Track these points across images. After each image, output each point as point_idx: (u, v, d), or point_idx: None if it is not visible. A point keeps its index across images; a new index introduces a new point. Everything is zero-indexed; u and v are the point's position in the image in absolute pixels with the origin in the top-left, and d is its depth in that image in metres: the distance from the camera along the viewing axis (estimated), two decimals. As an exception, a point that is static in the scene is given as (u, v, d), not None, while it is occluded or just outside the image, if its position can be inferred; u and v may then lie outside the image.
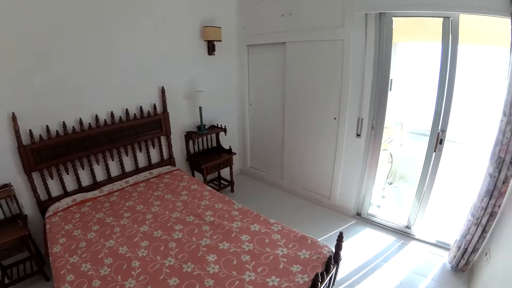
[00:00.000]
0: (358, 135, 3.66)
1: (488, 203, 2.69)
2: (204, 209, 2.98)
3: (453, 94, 2.95)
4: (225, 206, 3.05)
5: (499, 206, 2.69)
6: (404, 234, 3.66)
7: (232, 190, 4.68)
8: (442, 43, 2.96)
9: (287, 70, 4.12)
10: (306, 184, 4.40)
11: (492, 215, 2.73)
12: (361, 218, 4.00)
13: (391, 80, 4.87)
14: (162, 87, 3.82)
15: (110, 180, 3.57)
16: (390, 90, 4.91)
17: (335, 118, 3.81)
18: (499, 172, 2.54)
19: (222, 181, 4.77)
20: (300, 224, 3.82)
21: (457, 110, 3.99)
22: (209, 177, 4.69)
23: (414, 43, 4.75)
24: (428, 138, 3.28)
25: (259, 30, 4.29)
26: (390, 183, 4.75)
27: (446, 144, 3.14)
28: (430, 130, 3.24)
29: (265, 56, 4.41)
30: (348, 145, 3.79)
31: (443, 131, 3.10)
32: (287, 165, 4.57)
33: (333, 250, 2.42)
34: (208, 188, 3.45)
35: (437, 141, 3.14)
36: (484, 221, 2.77)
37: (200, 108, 4.10)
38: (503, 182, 2.57)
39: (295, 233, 2.60)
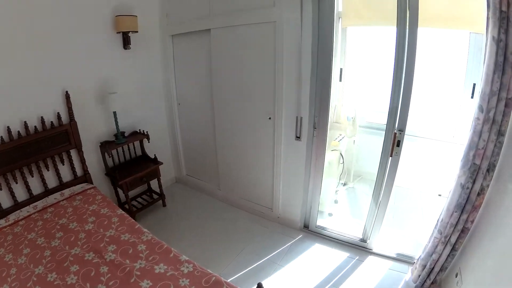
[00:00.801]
0: (298, 138, 2.97)
1: (459, 218, 2.12)
2: (108, 242, 2.33)
3: (412, 86, 2.30)
4: (132, 238, 2.37)
5: (472, 222, 2.14)
6: (359, 248, 3.06)
7: (164, 204, 3.88)
8: (397, 25, 2.30)
9: (213, 63, 3.35)
10: (245, 194, 3.70)
11: (464, 231, 2.19)
12: (309, 231, 3.34)
13: (341, 69, 4.30)
14: (66, 91, 2.96)
15: (17, 206, 2.84)
16: (340, 81, 4.34)
17: (269, 118, 3.10)
18: (473, 182, 1.95)
19: (153, 194, 3.97)
20: (238, 241, 3.21)
21: (421, 102, 3.49)
22: (137, 190, 3.87)
23: (368, 28, 4.13)
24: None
25: (184, 16, 3.47)
26: (344, 184, 4.15)
27: (407, 140, 2.53)
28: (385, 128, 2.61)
29: (191, 47, 3.61)
30: (287, 149, 3.10)
31: (401, 130, 2.46)
32: (223, 173, 3.84)
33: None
34: (119, 212, 2.72)
35: (394, 143, 2.50)
36: (453, 239, 2.22)
37: (114, 113, 3.26)
38: (478, 194, 2.00)
39: (208, 276, 1.94)
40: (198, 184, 4.23)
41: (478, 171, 1.90)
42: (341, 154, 3.61)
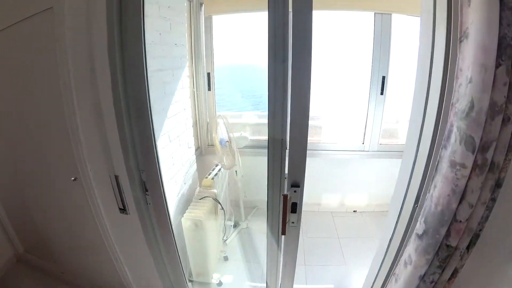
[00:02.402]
0: (123, 210, 1.66)
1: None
2: None
3: (308, 101, 1.20)
4: None
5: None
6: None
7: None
8: (269, 8, 1.21)
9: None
10: (94, 280, 2.31)
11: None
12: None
13: (209, 74, 3.22)
14: None
15: None
16: (209, 89, 3.26)
17: (74, 179, 1.73)
18: (442, 271, 1.02)
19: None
20: None
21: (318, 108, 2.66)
22: None
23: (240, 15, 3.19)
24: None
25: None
26: (235, 226, 3.06)
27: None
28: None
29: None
30: (114, 224, 1.81)
31: (296, 186, 1.32)
32: (58, 252, 2.39)
33: None
34: None
35: (286, 210, 1.34)
36: None
37: None
38: (449, 279, 1.08)
39: None
40: (40, 265, 2.61)
41: (453, 254, 0.97)
42: (215, 199, 2.44)
